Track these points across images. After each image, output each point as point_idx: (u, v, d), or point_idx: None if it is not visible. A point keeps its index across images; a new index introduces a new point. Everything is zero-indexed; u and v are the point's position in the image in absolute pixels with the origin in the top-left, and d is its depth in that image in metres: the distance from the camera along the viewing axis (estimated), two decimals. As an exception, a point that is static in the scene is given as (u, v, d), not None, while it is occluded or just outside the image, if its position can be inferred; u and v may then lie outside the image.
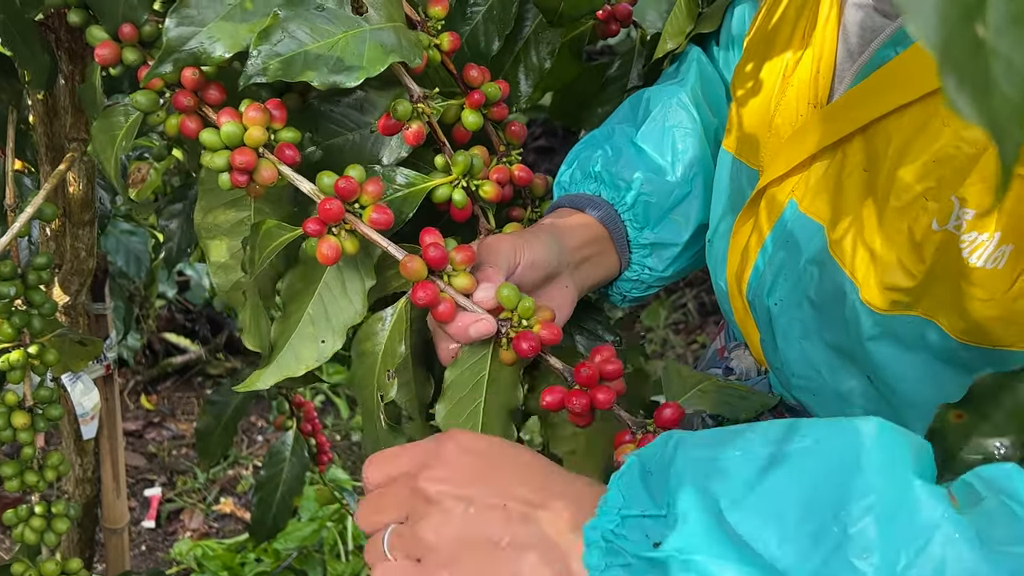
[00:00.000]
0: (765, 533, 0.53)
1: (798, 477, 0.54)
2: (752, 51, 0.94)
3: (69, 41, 1.07)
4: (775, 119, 0.88)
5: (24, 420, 1.03)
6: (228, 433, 1.73)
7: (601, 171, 0.99)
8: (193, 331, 3.35)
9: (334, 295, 0.87)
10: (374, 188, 0.83)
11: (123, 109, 0.89)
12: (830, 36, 0.84)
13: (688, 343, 3.50)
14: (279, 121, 0.85)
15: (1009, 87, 0.24)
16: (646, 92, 1.05)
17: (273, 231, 0.83)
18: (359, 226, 0.82)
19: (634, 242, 0.99)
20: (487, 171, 0.94)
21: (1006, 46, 0.24)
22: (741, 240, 0.90)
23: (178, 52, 0.80)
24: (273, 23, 0.78)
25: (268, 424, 3.12)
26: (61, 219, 1.18)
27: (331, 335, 0.87)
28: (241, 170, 0.82)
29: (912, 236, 0.72)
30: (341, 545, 2.52)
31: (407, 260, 0.81)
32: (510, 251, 0.85)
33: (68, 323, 1.26)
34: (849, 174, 0.78)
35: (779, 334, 0.86)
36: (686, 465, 0.58)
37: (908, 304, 0.74)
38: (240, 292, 0.90)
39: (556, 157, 4.05)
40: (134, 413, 3.13)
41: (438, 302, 0.81)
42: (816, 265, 0.81)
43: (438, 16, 0.91)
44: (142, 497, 2.84)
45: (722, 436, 0.59)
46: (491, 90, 0.94)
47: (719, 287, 0.96)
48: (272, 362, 0.88)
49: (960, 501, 0.52)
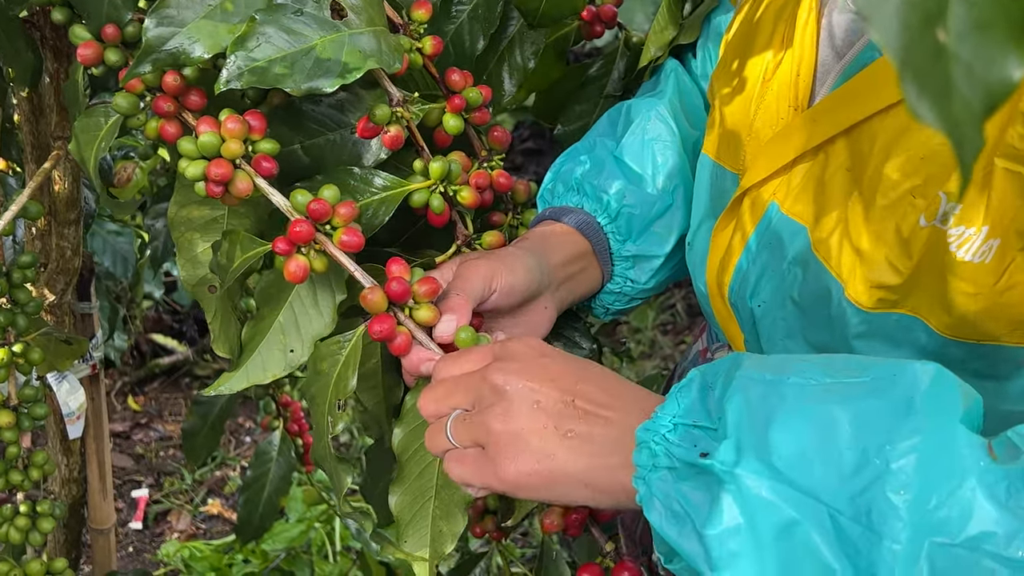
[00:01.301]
0: (809, 456, 0.57)
1: (851, 409, 0.58)
2: (729, 57, 0.94)
3: (54, 39, 1.07)
4: (755, 122, 0.88)
5: (9, 419, 1.03)
6: (215, 434, 1.73)
7: (583, 183, 1.00)
8: (180, 332, 3.35)
9: (305, 306, 0.87)
10: (346, 211, 0.82)
11: (104, 110, 0.89)
12: (809, 40, 0.84)
13: (676, 344, 3.50)
14: (258, 132, 0.85)
15: (969, 92, 0.24)
16: (625, 105, 1.06)
17: (245, 244, 0.83)
18: (328, 247, 0.82)
19: (616, 254, 0.99)
20: (467, 176, 0.93)
21: (967, 52, 0.25)
22: (722, 243, 0.90)
23: (157, 52, 0.80)
24: (249, 29, 0.77)
25: (256, 425, 3.12)
26: (47, 218, 1.18)
27: (299, 344, 0.87)
28: (216, 182, 0.82)
29: (899, 233, 0.72)
30: (329, 546, 2.52)
31: (367, 292, 0.81)
32: (485, 278, 0.85)
33: (53, 322, 1.25)
34: (832, 175, 0.79)
35: (763, 335, 0.87)
36: (743, 384, 0.62)
37: (895, 302, 0.74)
38: (205, 288, 0.90)
39: (544, 159, 4.05)
40: (121, 414, 3.13)
41: (394, 336, 0.81)
42: (800, 266, 0.81)
43: (421, 19, 0.91)
44: (129, 498, 2.83)
45: (784, 362, 0.63)
46: (472, 95, 0.94)
47: (699, 289, 0.96)
48: (240, 367, 0.88)
49: (999, 454, 0.55)
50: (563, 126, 1.28)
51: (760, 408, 0.60)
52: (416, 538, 0.85)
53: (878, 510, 0.55)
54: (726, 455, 0.59)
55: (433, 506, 0.84)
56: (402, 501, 0.85)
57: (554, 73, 1.29)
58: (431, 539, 0.84)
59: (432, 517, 0.84)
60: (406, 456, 0.85)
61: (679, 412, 0.64)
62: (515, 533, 2.68)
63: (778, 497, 0.57)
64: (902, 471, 0.54)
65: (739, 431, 0.59)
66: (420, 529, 0.85)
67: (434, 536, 0.84)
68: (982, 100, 0.25)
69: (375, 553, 2.00)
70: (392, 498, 0.85)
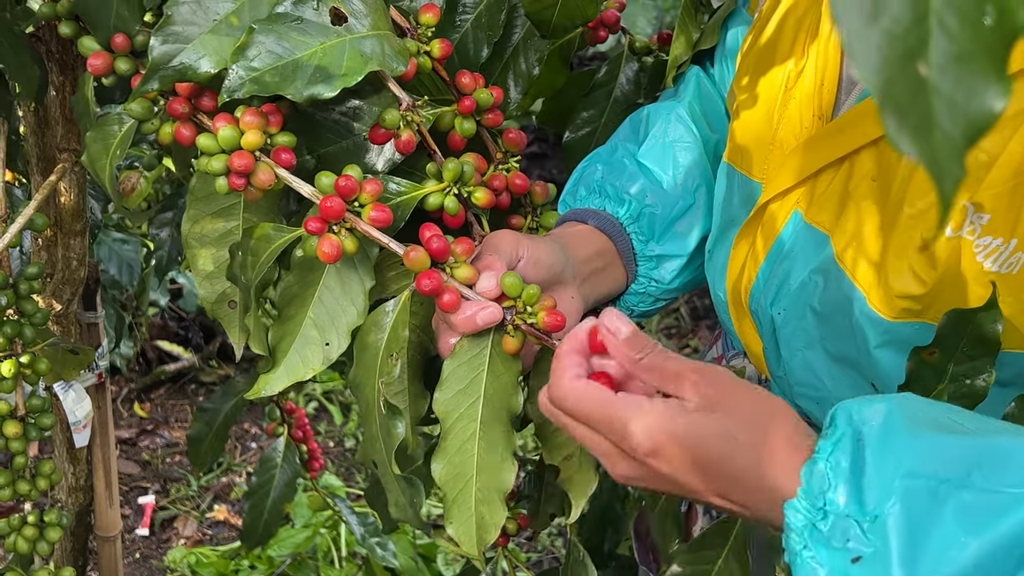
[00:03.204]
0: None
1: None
2: (749, 65, 0.95)
3: (60, 52, 1.08)
4: (778, 132, 0.88)
5: (16, 429, 1.03)
6: (220, 440, 1.73)
7: (604, 185, 1.00)
8: (186, 339, 3.35)
9: (335, 297, 0.88)
10: (372, 187, 0.84)
11: (117, 118, 0.90)
12: (834, 51, 0.84)
13: (680, 347, 3.50)
14: (275, 125, 0.86)
15: (950, 125, 0.25)
16: (645, 110, 1.07)
17: (271, 235, 0.84)
18: (359, 224, 0.83)
19: (640, 255, 1.00)
20: (480, 178, 0.94)
21: (948, 85, 0.25)
22: (743, 251, 0.91)
23: (164, 69, 0.81)
24: (248, 39, 0.78)
25: (261, 431, 3.12)
26: (52, 229, 1.19)
27: (336, 336, 0.88)
28: (239, 173, 0.83)
29: (924, 243, 0.73)
30: (335, 551, 2.53)
31: (410, 250, 0.82)
32: (512, 244, 0.86)
33: (60, 332, 1.26)
34: (856, 185, 0.79)
35: (782, 344, 0.87)
36: (905, 488, 0.58)
37: (918, 312, 0.74)
38: (225, 304, 0.90)
39: (548, 163, 4.05)
40: (127, 421, 3.13)
41: (443, 291, 0.82)
42: (821, 275, 0.81)
43: (429, 23, 0.92)
44: (136, 505, 2.84)
45: (953, 456, 0.59)
46: (483, 96, 0.94)
47: (718, 298, 0.96)
48: (279, 366, 0.88)
49: None
50: (571, 133, 1.29)
51: (919, 523, 0.57)
52: (461, 520, 0.85)
53: None
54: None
55: (475, 488, 0.85)
56: (445, 473, 0.85)
57: (559, 79, 1.30)
58: (476, 525, 0.85)
59: (475, 500, 0.85)
60: (448, 423, 0.85)
61: (831, 502, 0.61)
62: (519, 538, 2.68)
63: None
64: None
65: (897, 552, 0.57)
66: (464, 511, 0.85)
67: (478, 522, 0.85)
68: (964, 132, 0.25)
69: (379, 559, 2.00)
70: (435, 466, 0.85)
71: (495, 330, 0.84)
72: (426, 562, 2.51)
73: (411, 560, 2.43)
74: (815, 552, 0.60)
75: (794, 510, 0.62)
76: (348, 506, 2.05)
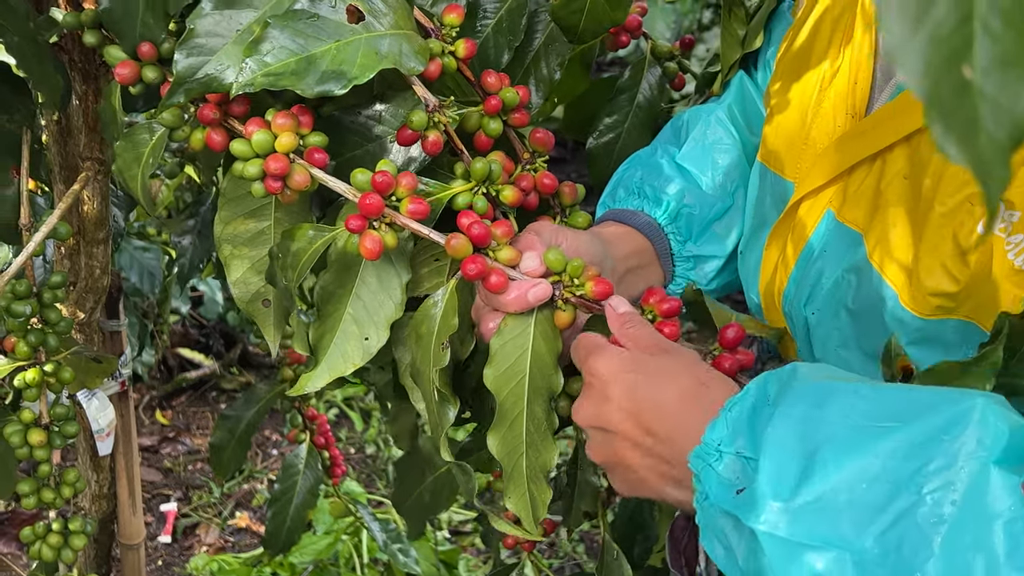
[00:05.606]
0: (836, 500, 0.58)
1: (888, 445, 0.59)
2: (785, 67, 0.95)
3: (82, 61, 1.08)
4: (811, 131, 0.89)
5: (40, 437, 1.03)
6: (242, 447, 1.74)
7: (643, 186, 1.01)
8: (207, 346, 3.37)
9: (372, 292, 0.88)
10: (408, 180, 0.84)
11: (147, 126, 0.91)
12: (867, 49, 0.85)
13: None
14: (306, 127, 0.86)
15: (995, 128, 0.25)
16: (685, 114, 1.08)
17: (311, 235, 0.84)
18: (398, 218, 0.83)
19: (678, 255, 1.00)
20: (508, 178, 0.94)
21: (993, 87, 0.25)
22: (775, 251, 0.91)
23: (189, 82, 0.82)
24: (262, 34, 0.79)
25: (283, 438, 3.13)
26: (75, 238, 1.19)
27: (375, 331, 0.88)
28: (275, 176, 0.83)
29: (957, 241, 0.72)
30: (356, 558, 2.53)
31: (451, 238, 0.83)
32: (552, 232, 0.87)
33: (83, 340, 1.26)
34: (889, 183, 0.79)
35: (816, 344, 0.87)
36: (784, 414, 0.63)
37: (951, 309, 0.74)
38: (259, 302, 0.91)
39: (566, 167, 4.05)
40: (149, 428, 3.15)
41: (489, 273, 0.82)
42: (854, 273, 0.81)
43: (453, 23, 0.91)
44: (158, 512, 2.85)
45: (831, 392, 0.64)
46: (508, 95, 0.94)
47: (752, 301, 0.96)
48: (320, 363, 0.89)
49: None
50: (594, 139, 1.28)
51: (796, 447, 0.61)
52: (518, 495, 0.86)
53: (910, 543, 0.55)
54: (753, 503, 0.61)
55: (526, 464, 0.85)
56: (501, 448, 0.85)
57: (580, 84, 1.29)
58: (529, 500, 0.86)
59: (526, 476, 0.86)
60: (500, 398, 0.85)
61: (726, 436, 0.66)
62: (541, 544, 2.67)
63: (800, 547, 0.59)
64: (937, 504, 0.55)
65: (770, 476, 0.61)
66: (519, 486, 0.86)
67: (531, 497, 0.86)
68: (1009, 134, 0.25)
69: (401, 565, 2.00)
70: (491, 440, 0.85)
71: (538, 309, 0.84)
72: (448, 568, 2.50)
73: (433, 566, 2.43)
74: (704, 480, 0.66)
75: (696, 456, 0.68)
76: (370, 512, 2.05)
